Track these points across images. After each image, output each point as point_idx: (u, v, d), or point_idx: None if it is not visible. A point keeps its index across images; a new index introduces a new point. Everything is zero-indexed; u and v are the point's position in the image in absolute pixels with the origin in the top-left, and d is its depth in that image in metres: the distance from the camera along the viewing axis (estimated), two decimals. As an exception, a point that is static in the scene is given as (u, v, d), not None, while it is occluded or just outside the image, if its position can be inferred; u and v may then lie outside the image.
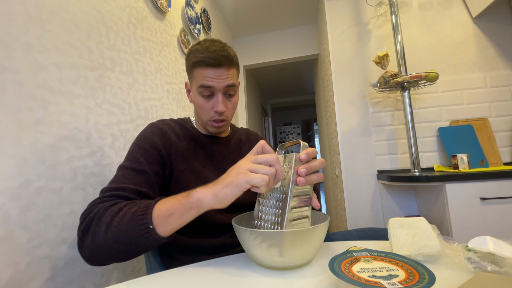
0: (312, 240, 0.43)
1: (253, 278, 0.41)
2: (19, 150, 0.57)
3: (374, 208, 1.65)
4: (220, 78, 0.65)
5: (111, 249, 0.45)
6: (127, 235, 0.44)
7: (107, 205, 0.49)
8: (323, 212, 0.52)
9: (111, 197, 0.52)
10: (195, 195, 0.44)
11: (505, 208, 1.13)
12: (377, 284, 0.32)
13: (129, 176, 0.56)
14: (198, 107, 0.69)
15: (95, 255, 0.47)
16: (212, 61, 0.63)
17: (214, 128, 0.70)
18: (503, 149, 1.53)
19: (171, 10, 1.36)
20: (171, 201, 0.45)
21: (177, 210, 0.44)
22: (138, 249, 0.46)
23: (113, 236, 0.44)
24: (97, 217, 0.47)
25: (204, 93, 0.66)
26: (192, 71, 0.68)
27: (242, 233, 0.44)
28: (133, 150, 0.62)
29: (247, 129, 0.90)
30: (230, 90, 0.68)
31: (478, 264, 0.37)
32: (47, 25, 0.66)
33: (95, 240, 0.46)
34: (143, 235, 0.43)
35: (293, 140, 0.51)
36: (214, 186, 0.44)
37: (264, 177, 0.41)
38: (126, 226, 0.44)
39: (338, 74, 1.79)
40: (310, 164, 0.46)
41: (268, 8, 2.26)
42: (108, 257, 0.47)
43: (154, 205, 0.45)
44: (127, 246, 0.45)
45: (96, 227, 0.46)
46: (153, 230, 0.43)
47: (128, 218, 0.45)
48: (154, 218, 0.44)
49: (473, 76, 1.60)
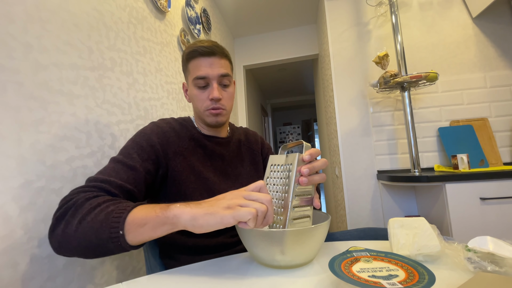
0: (314, 239, 0.43)
1: (254, 278, 0.41)
2: (19, 150, 0.57)
3: (374, 208, 1.65)
4: (214, 66, 0.67)
5: (79, 244, 0.44)
6: (96, 235, 0.42)
7: (87, 196, 0.47)
8: (324, 212, 0.52)
9: (94, 188, 0.50)
10: (173, 210, 0.41)
11: (505, 208, 1.13)
12: (377, 284, 0.32)
13: (118, 170, 0.55)
14: (195, 99, 0.70)
15: (62, 246, 0.45)
16: (205, 49, 0.66)
17: (212, 116, 0.69)
18: (503, 149, 1.53)
19: (171, 10, 1.36)
20: (148, 211, 0.43)
21: (151, 221, 0.41)
22: (103, 251, 0.44)
23: (83, 231, 0.43)
24: (75, 207, 0.46)
25: (199, 84, 0.68)
26: (188, 65, 0.69)
27: (244, 232, 0.44)
28: (129, 145, 0.61)
29: (246, 128, 0.90)
30: (225, 80, 0.69)
31: (478, 264, 0.37)
32: (47, 25, 0.66)
33: (66, 230, 0.44)
34: (111, 239, 0.42)
35: (296, 141, 0.52)
36: (196, 208, 0.41)
37: (252, 210, 0.38)
38: (98, 225, 0.42)
39: (338, 74, 1.79)
40: (313, 164, 0.47)
41: (268, 8, 2.26)
42: (74, 250, 0.45)
43: (130, 210, 0.43)
44: (94, 246, 0.43)
45: (70, 218, 0.45)
46: (122, 236, 0.41)
47: (102, 218, 0.43)
48: (126, 224, 0.42)
49: (473, 76, 1.60)
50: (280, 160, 0.51)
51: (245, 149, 0.81)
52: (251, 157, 0.81)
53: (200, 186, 0.65)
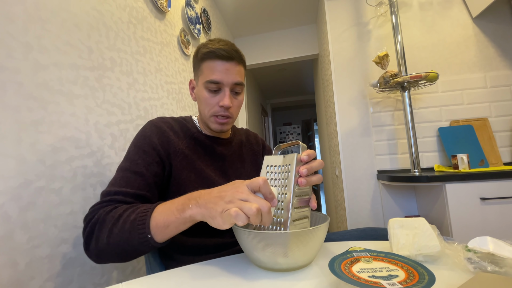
0: (316, 240, 0.42)
1: (254, 280, 0.41)
2: (19, 150, 0.57)
3: (374, 208, 1.65)
4: (229, 72, 0.64)
5: (115, 252, 0.48)
6: (128, 243, 0.47)
7: (107, 210, 0.51)
8: (322, 213, 0.52)
9: (110, 202, 0.53)
10: (188, 211, 0.44)
11: (505, 208, 1.13)
12: (377, 284, 0.32)
13: (127, 179, 0.57)
14: (203, 102, 0.68)
15: (100, 257, 0.50)
16: (223, 53, 0.63)
17: (217, 124, 0.68)
18: (503, 149, 1.53)
19: (171, 10, 1.36)
20: (167, 212, 0.46)
21: (173, 223, 0.45)
22: (139, 253, 0.49)
23: (115, 242, 0.47)
24: (99, 223, 0.49)
25: (211, 87, 0.65)
26: (201, 65, 0.66)
27: (244, 235, 0.43)
28: (131, 150, 0.62)
29: (246, 129, 0.89)
30: (237, 88, 0.67)
31: (478, 264, 0.37)
32: (47, 25, 0.66)
33: (98, 244, 0.48)
34: (142, 243, 0.46)
35: (291, 142, 0.51)
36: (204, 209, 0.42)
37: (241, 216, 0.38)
38: (127, 234, 0.46)
39: (338, 74, 1.79)
40: (311, 164, 0.46)
41: (268, 8, 2.26)
42: (112, 258, 0.50)
43: (151, 214, 0.47)
44: (129, 251, 0.48)
45: (98, 233, 0.49)
46: (152, 239, 0.46)
47: (128, 227, 0.47)
48: (152, 228, 0.46)
49: (473, 76, 1.60)
50: (276, 161, 0.50)
51: (246, 150, 0.81)
52: (252, 158, 0.80)
53: (201, 185, 0.65)
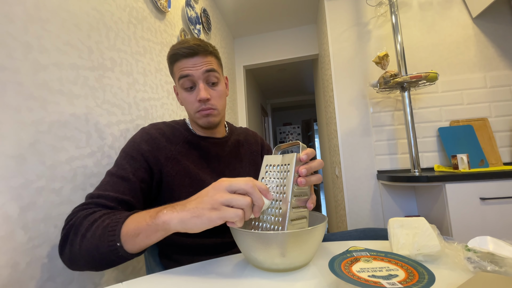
0: (313, 240, 0.42)
1: (252, 280, 0.41)
2: (19, 150, 0.57)
3: (374, 208, 1.65)
4: (197, 65, 0.65)
5: (85, 260, 0.46)
6: (97, 250, 0.45)
7: (85, 213, 0.50)
8: (320, 213, 0.52)
9: (91, 205, 0.52)
10: (162, 217, 0.42)
11: (505, 208, 1.13)
12: (377, 284, 0.32)
13: (113, 183, 0.56)
14: (185, 102, 0.69)
15: (73, 263, 0.49)
16: (185, 51, 0.64)
17: (203, 118, 0.68)
18: (503, 149, 1.53)
19: (171, 10, 1.36)
20: (139, 220, 0.44)
21: (144, 231, 0.43)
22: (108, 263, 0.46)
23: (86, 248, 0.45)
24: (75, 226, 0.48)
25: (185, 84, 0.66)
26: (172, 68, 0.68)
27: (241, 235, 0.43)
28: (120, 156, 0.62)
29: (246, 128, 0.88)
30: (211, 77, 0.67)
31: (478, 264, 0.37)
32: (47, 25, 0.66)
33: (72, 249, 0.47)
34: (112, 252, 0.44)
35: (291, 142, 0.51)
36: (182, 212, 0.41)
37: (238, 212, 0.39)
38: (97, 241, 0.44)
39: (338, 74, 1.79)
40: (310, 164, 0.46)
41: (268, 8, 2.26)
42: (84, 266, 0.48)
43: (123, 222, 0.45)
44: (98, 260, 0.46)
45: (73, 237, 0.47)
46: (121, 247, 0.43)
47: (100, 232, 0.45)
48: (122, 236, 0.43)
49: (473, 76, 1.60)
50: (276, 160, 0.50)
51: (244, 150, 0.80)
52: (250, 158, 0.80)
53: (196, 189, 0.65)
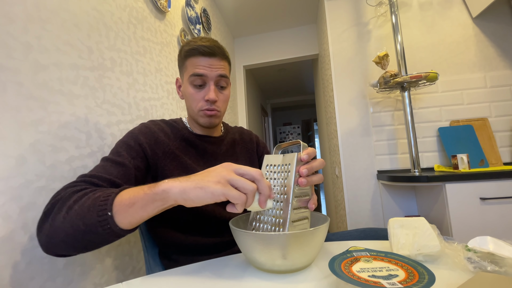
0: (315, 241, 0.42)
1: (253, 281, 0.41)
2: (19, 150, 0.57)
3: (374, 208, 1.65)
4: (213, 67, 0.65)
5: (66, 234, 0.42)
6: (83, 220, 0.41)
7: (75, 189, 0.47)
8: (322, 213, 0.52)
9: (82, 183, 0.50)
10: (162, 185, 0.39)
11: (505, 208, 1.13)
12: (377, 284, 0.32)
13: (107, 167, 0.55)
14: (189, 97, 0.68)
15: (50, 240, 0.44)
16: (205, 49, 0.64)
17: (206, 118, 0.68)
18: (503, 149, 1.53)
19: (171, 10, 1.36)
20: (136, 190, 0.42)
21: (140, 200, 0.40)
22: (92, 239, 0.42)
23: (71, 220, 0.41)
24: (62, 200, 0.45)
25: (195, 82, 0.66)
26: (185, 62, 0.68)
27: (242, 236, 0.42)
28: (117, 144, 0.62)
29: (241, 127, 0.88)
30: (222, 81, 0.68)
31: (478, 264, 0.37)
32: (47, 25, 0.66)
33: (54, 223, 0.43)
34: (100, 222, 0.40)
35: (291, 141, 0.51)
36: (186, 182, 0.39)
37: (242, 195, 0.38)
38: (85, 211, 0.41)
39: (338, 74, 1.79)
40: (311, 164, 0.46)
41: (268, 8, 2.26)
42: (62, 244, 0.43)
43: (118, 192, 0.42)
44: (82, 233, 0.41)
45: (58, 210, 0.44)
46: (111, 218, 0.40)
47: (89, 203, 0.42)
48: (114, 205, 0.40)
49: (473, 76, 1.60)
50: (276, 160, 0.49)
51: (240, 148, 0.80)
52: (246, 156, 0.80)
53: None
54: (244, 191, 0.38)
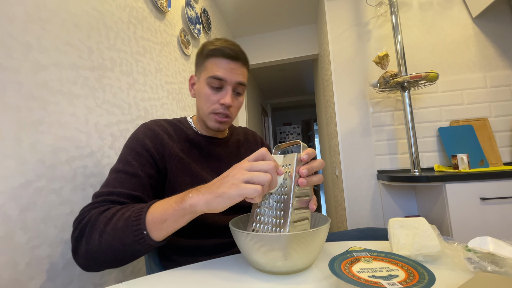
0: (316, 242, 0.41)
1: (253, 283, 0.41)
2: (19, 150, 0.57)
3: (374, 208, 1.65)
4: (234, 72, 0.64)
5: (106, 256, 0.45)
6: (121, 241, 0.43)
7: (100, 210, 0.48)
8: (323, 214, 0.52)
9: (104, 202, 0.51)
10: (188, 201, 0.42)
11: (505, 208, 1.13)
12: (377, 284, 0.32)
13: (122, 180, 0.55)
14: (204, 98, 0.66)
15: (90, 262, 0.47)
16: (230, 52, 0.63)
17: (216, 123, 0.67)
18: (503, 149, 1.53)
19: (171, 10, 1.36)
20: (164, 206, 0.44)
21: (171, 216, 0.43)
22: (133, 254, 0.46)
23: (107, 243, 0.44)
24: (90, 223, 0.46)
25: (213, 84, 0.64)
26: (205, 61, 0.66)
27: (242, 237, 0.42)
28: (125, 152, 0.61)
29: (245, 128, 0.88)
30: (239, 88, 0.67)
31: (478, 264, 0.37)
32: (47, 25, 0.66)
33: (89, 247, 0.45)
34: (138, 241, 0.43)
35: (291, 141, 0.51)
36: (207, 193, 0.43)
37: (257, 187, 0.40)
38: (120, 233, 0.44)
39: (338, 74, 1.79)
40: (311, 164, 0.46)
41: (268, 8, 2.26)
42: (103, 263, 0.47)
43: (147, 210, 0.45)
44: (122, 252, 0.44)
45: (89, 234, 0.46)
46: (148, 236, 0.43)
47: (122, 224, 0.44)
48: (148, 224, 0.43)
49: (473, 76, 1.60)
50: (276, 161, 0.49)
51: (245, 149, 0.80)
52: None
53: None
54: (261, 184, 0.41)
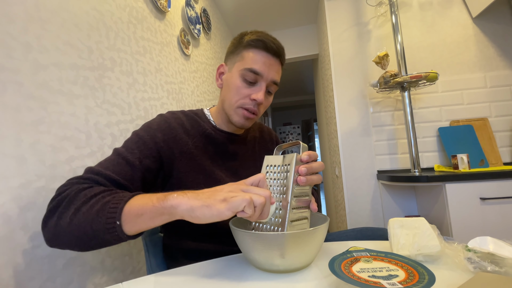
0: (314, 242, 0.42)
1: (252, 281, 0.41)
2: (19, 150, 0.57)
3: (374, 208, 1.65)
4: (272, 68, 0.62)
5: (73, 235, 0.43)
6: (91, 225, 0.42)
7: (82, 187, 0.47)
8: (322, 214, 0.52)
9: (88, 180, 0.49)
10: (171, 201, 0.40)
11: (505, 208, 1.13)
12: (377, 284, 0.32)
13: (116, 164, 0.54)
14: (234, 90, 0.63)
15: (56, 238, 0.45)
16: (273, 46, 0.61)
17: (242, 118, 0.64)
18: (503, 149, 1.53)
19: (171, 10, 1.36)
20: (145, 201, 0.42)
21: (148, 212, 0.41)
22: (99, 243, 0.44)
23: (78, 223, 0.42)
24: (69, 198, 0.45)
25: (248, 77, 0.61)
26: (243, 51, 0.62)
27: (240, 236, 0.43)
28: (132, 138, 0.60)
29: (260, 123, 0.84)
30: (272, 87, 0.65)
31: (478, 264, 0.37)
32: (47, 25, 0.66)
33: (59, 222, 0.43)
34: (107, 230, 0.41)
35: (291, 142, 0.51)
36: (193, 200, 0.40)
37: (246, 196, 0.38)
38: (93, 216, 0.42)
39: (338, 74, 1.79)
40: (311, 164, 0.46)
41: (268, 8, 2.26)
42: (68, 242, 0.45)
43: (127, 200, 0.43)
44: (90, 237, 0.43)
45: (64, 209, 0.44)
46: (119, 227, 0.41)
47: (98, 208, 0.42)
48: (123, 214, 0.41)
49: (473, 76, 1.60)
50: (276, 161, 0.49)
51: (260, 147, 0.77)
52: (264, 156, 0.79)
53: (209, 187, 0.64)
54: (255, 204, 0.39)
